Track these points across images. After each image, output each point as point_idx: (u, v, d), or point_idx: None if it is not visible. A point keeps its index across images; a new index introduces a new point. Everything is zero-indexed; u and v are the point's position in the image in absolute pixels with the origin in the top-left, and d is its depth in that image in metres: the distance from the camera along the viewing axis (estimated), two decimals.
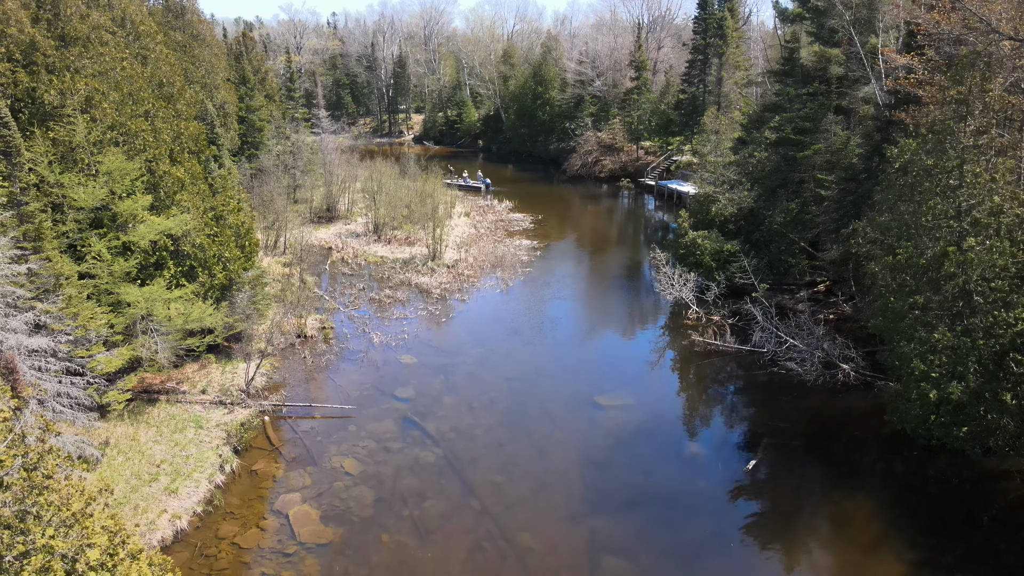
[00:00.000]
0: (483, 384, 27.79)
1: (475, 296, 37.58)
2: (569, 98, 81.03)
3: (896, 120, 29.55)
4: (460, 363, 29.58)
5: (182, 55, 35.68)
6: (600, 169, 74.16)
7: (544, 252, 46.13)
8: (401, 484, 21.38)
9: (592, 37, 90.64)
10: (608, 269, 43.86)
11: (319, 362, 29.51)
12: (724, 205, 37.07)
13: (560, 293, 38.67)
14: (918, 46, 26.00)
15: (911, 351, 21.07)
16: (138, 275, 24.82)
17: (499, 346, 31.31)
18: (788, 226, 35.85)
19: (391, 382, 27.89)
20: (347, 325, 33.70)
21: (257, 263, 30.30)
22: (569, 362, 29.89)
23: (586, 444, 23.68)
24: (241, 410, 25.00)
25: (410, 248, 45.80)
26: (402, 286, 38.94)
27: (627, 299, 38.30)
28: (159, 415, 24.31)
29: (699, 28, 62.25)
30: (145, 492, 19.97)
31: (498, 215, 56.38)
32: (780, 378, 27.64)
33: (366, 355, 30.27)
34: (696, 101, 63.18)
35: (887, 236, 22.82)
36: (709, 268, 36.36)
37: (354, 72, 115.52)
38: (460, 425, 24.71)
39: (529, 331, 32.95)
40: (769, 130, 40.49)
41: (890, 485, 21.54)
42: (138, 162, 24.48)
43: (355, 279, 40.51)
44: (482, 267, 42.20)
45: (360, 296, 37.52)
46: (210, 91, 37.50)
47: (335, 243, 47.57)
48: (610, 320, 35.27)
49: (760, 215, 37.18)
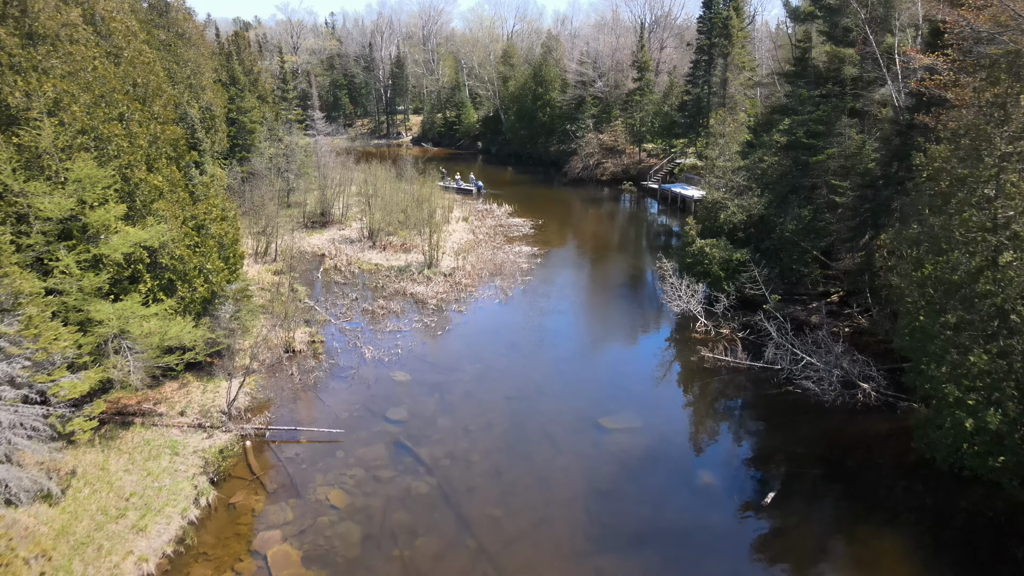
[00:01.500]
0: (480, 404, 26.16)
1: (473, 307, 35.96)
2: (570, 99, 79.47)
3: (918, 124, 27.92)
4: (456, 380, 27.96)
5: (166, 54, 34.06)
6: (602, 172, 72.56)
7: (545, 259, 44.52)
8: (391, 519, 19.75)
9: (593, 37, 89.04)
10: (611, 277, 42.24)
11: (307, 380, 27.88)
12: (733, 212, 35.44)
13: (561, 304, 37.04)
14: (945, 45, 24.38)
15: (943, 375, 19.46)
16: (111, 290, 23.20)
17: (498, 362, 29.68)
18: (800, 234, 34.24)
19: (383, 402, 26.27)
20: (338, 339, 32.08)
21: (243, 274, 28.66)
22: (571, 379, 28.27)
23: (590, 472, 22.05)
24: (221, 434, 23.36)
25: (406, 255, 44.18)
26: (397, 296, 37.32)
27: (631, 310, 36.65)
28: (133, 440, 22.67)
29: (704, 28, 60.65)
30: (111, 530, 18.33)
31: (497, 220, 54.78)
32: (796, 398, 26.02)
33: (357, 372, 28.64)
34: (700, 102, 61.59)
35: (915, 250, 21.18)
36: (717, 278, 34.78)
37: (352, 72, 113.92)
38: (456, 450, 23.09)
39: (529, 345, 31.33)
40: (778, 133, 38.89)
41: (920, 519, 19.92)
42: (111, 169, 22.86)
43: (348, 288, 38.89)
44: (480, 275, 40.58)
45: (353, 307, 35.89)
46: (196, 92, 35.84)
47: (328, 249, 45.95)
48: (614, 333, 33.63)
49: (771, 222, 35.56)
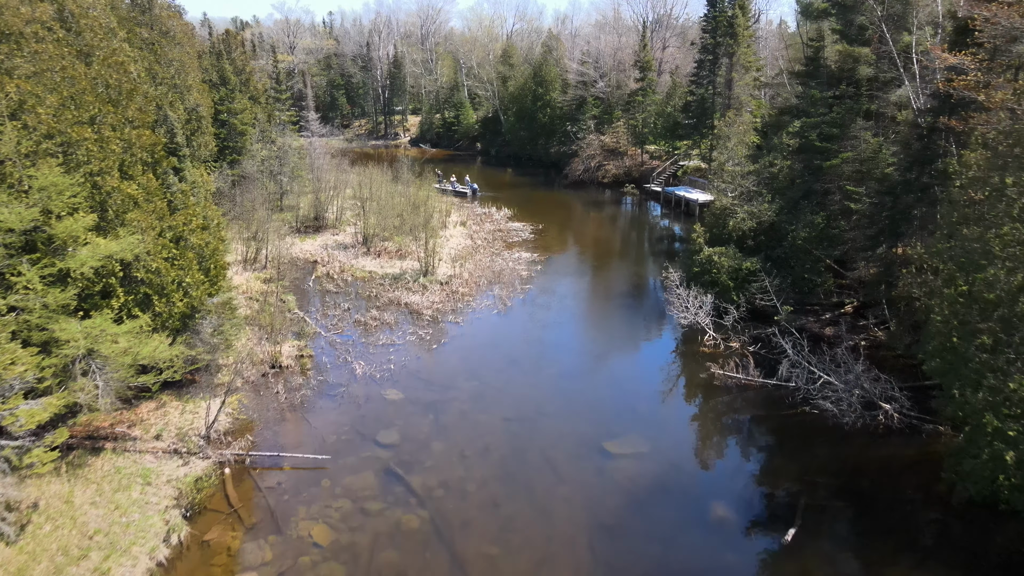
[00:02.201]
0: (477, 426, 24.55)
1: (470, 318, 34.35)
2: (570, 100, 77.88)
3: (941, 127, 26.36)
4: (452, 400, 26.36)
5: (148, 54, 32.45)
6: (603, 174, 70.98)
7: (545, 266, 42.92)
8: (378, 558, 18.16)
9: (594, 36, 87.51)
10: (613, 286, 40.62)
11: (293, 398, 26.26)
12: (743, 219, 33.85)
13: (562, 316, 35.43)
14: (975, 43, 22.79)
15: (979, 401, 17.88)
16: (80, 306, 21.61)
17: (496, 379, 28.08)
18: (813, 242, 32.67)
19: (373, 423, 24.66)
20: (328, 353, 30.47)
21: (227, 286, 27.05)
22: (573, 398, 26.66)
23: (595, 503, 20.46)
24: (199, 461, 21.76)
25: (401, 262, 42.57)
26: (391, 306, 35.71)
27: (635, 322, 35.01)
28: (102, 468, 21.07)
29: (708, 26, 59.05)
30: (70, 574, 16.74)
31: (496, 224, 53.19)
32: (813, 420, 24.43)
33: (347, 389, 27.04)
34: (705, 103, 59.99)
35: (947, 264, 19.58)
36: (726, 288, 33.21)
37: (349, 72, 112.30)
38: (450, 479, 21.48)
39: (529, 360, 29.73)
40: (788, 135, 37.36)
41: (953, 558, 18.34)
42: (79, 176, 21.25)
43: (340, 297, 37.28)
44: (478, 284, 38.97)
45: (344, 318, 34.28)
46: (181, 93, 34.23)
47: (321, 256, 44.34)
48: (617, 347, 31.99)
49: (782, 229, 33.99)
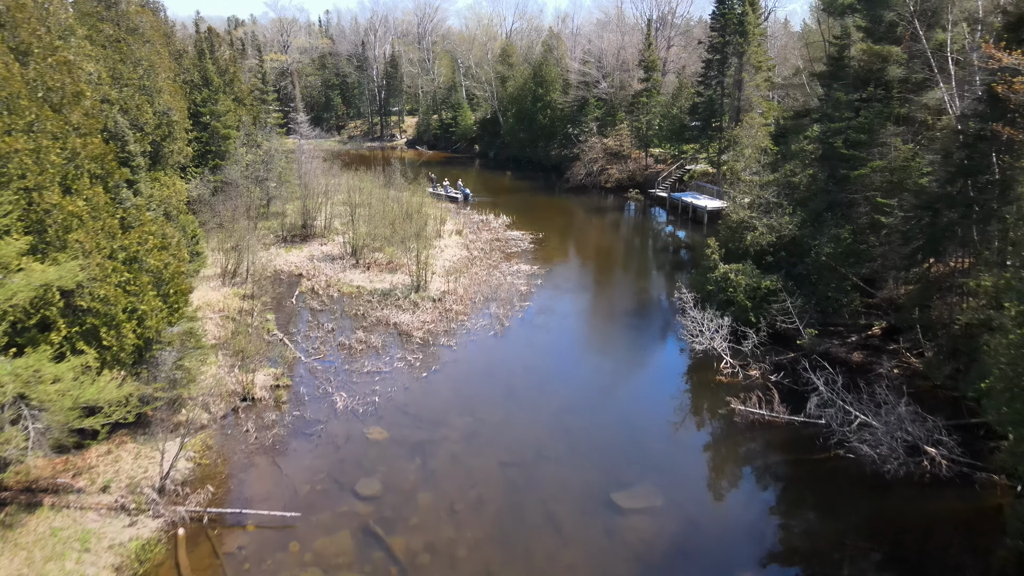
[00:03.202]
0: (470, 472, 21.77)
1: (464, 341, 31.56)
2: (572, 101, 75.12)
3: (988, 134, 23.58)
4: (442, 440, 23.57)
5: (112, 52, 29.65)
6: (606, 178, 68.23)
7: (546, 280, 40.12)
8: None
9: (597, 35, 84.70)
10: (619, 304, 37.78)
11: (265, 438, 23.46)
12: (762, 233, 31.08)
13: (563, 339, 32.63)
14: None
15: None
16: (14, 342, 18.85)
17: (491, 414, 25.29)
18: (839, 258, 29.90)
19: (353, 469, 21.88)
20: (307, 381, 27.69)
21: (190, 312, 24.27)
22: (577, 437, 23.87)
23: (604, 572, 17.68)
24: (149, 521, 18.98)
25: (391, 276, 39.78)
26: (378, 326, 32.92)
27: (644, 346, 32.19)
28: (37, 529, 18.30)
29: (717, 24, 56.22)
30: None
31: (494, 233, 50.41)
32: (849, 466, 21.65)
33: (325, 427, 24.25)
34: (713, 105, 57.16)
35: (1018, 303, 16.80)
36: (743, 308, 30.46)
37: (344, 72, 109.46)
38: (437, 540, 18.70)
39: (528, 392, 26.96)
40: (807, 141, 34.61)
41: None
42: (10, 193, 18.48)
43: (325, 316, 34.50)
44: (474, 301, 36.19)
45: (328, 340, 31.50)
46: (150, 95, 31.43)
47: (306, 269, 41.55)
48: (624, 377, 29.13)
49: (804, 244, 31.23)
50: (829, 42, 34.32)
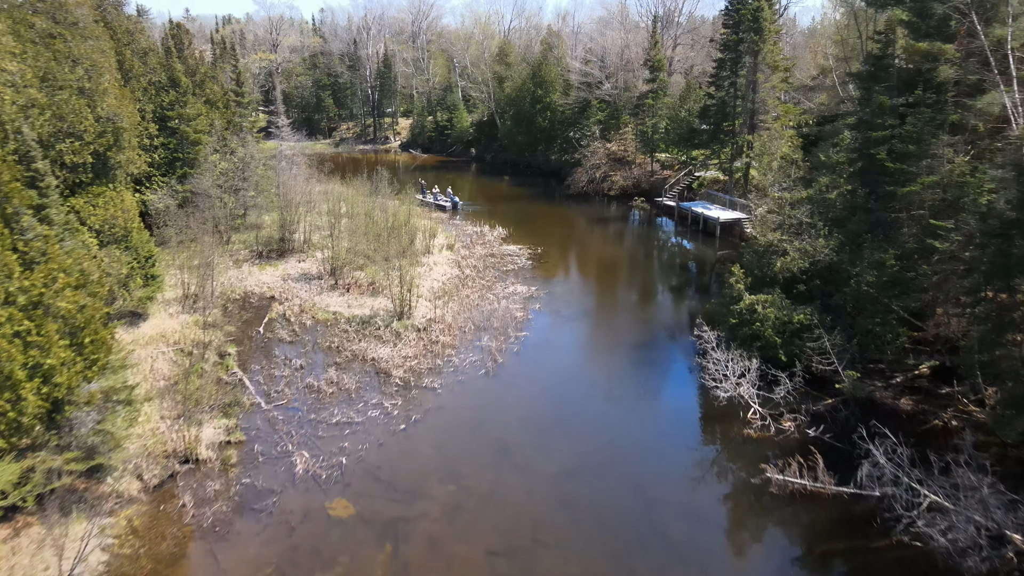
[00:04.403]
0: (451, 565, 17.74)
1: (451, 381, 27.53)
2: (573, 102, 71.15)
3: None
4: (419, 516, 19.52)
5: (43, 49, 25.63)
6: (609, 185, 64.28)
7: (544, 304, 36.08)
8: None
9: (599, 33, 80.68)
10: (627, 336, 33.63)
11: (203, 516, 19.40)
12: (794, 259, 27.06)
13: (564, 379, 28.49)
14: None
15: None
16: None
17: (479, 480, 21.25)
18: (883, 288, 25.87)
19: (308, 560, 17.85)
20: (265, 435, 23.65)
21: (117, 361, 20.23)
22: (581, 512, 19.81)
23: None
24: None
25: (372, 300, 35.72)
26: (354, 362, 28.91)
27: (657, 390, 27.98)
28: None
29: (730, 20, 52.17)
30: None
31: (488, 247, 46.42)
32: (916, 557, 17.62)
33: (279, 500, 20.21)
34: (725, 107, 53.14)
35: None
36: (771, 344, 26.44)
37: (336, 72, 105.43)
38: None
39: (523, 450, 22.91)
40: (835, 150, 30.63)
41: None
42: None
43: (295, 349, 30.49)
44: (464, 330, 32.16)
45: (294, 380, 27.49)
46: (91, 99, 27.41)
47: (280, 290, 37.51)
48: (635, 430, 24.84)
49: (842, 271, 27.21)
50: (871, 38, 30.28)
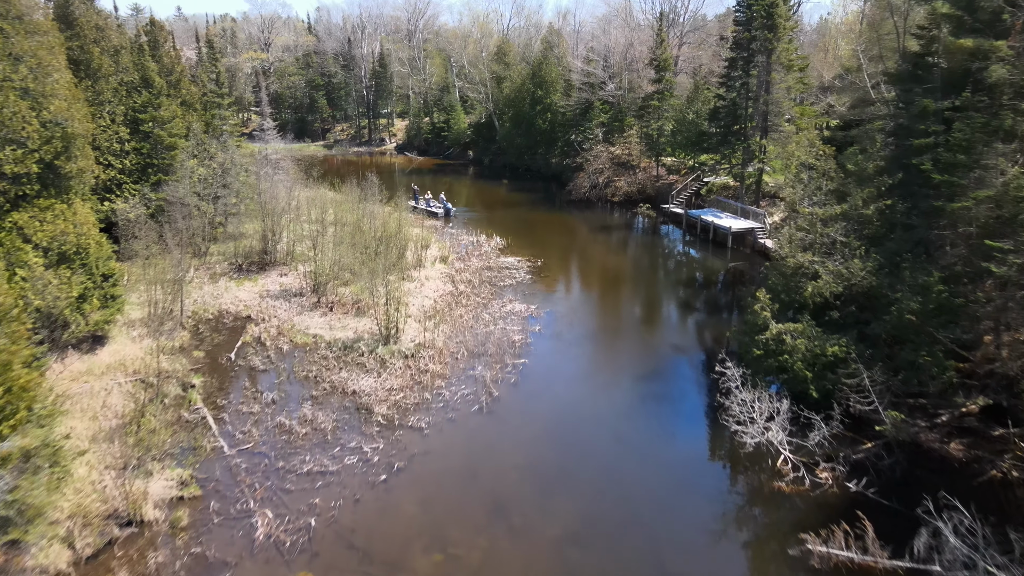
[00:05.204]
0: None
1: (440, 419, 24.47)
2: (574, 104, 68.15)
3: None
4: None
5: None
6: (613, 191, 61.32)
7: (545, 325, 33.05)
8: None
9: (601, 31, 77.66)
10: (637, 361, 30.51)
11: None
12: (827, 282, 24.03)
13: (567, 418, 25.19)
14: None
15: None
16: None
17: (469, 547, 18.20)
18: (928, 316, 22.83)
19: None
20: (224, 489, 20.59)
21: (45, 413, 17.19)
22: None
23: None
24: None
25: (357, 322, 32.69)
26: (333, 396, 25.89)
27: (673, 433, 24.60)
28: None
29: (742, 17, 49.17)
30: None
31: (485, 259, 43.44)
32: None
33: (234, 573, 17.19)
34: (736, 109, 50.12)
35: None
36: (802, 379, 23.42)
37: (330, 72, 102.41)
38: None
39: (521, 507, 19.85)
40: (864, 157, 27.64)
41: None
42: None
43: (268, 380, 27.47)
44: (456, 356, 29.14)
45: (264, 418, 24.45)
46: (36, 101, 24.41)
47: (257, 309, 34.46)
48: (650, 483, 21.49)
49: (881, 297, 24.18)
50: (913, 33, 27.26)
